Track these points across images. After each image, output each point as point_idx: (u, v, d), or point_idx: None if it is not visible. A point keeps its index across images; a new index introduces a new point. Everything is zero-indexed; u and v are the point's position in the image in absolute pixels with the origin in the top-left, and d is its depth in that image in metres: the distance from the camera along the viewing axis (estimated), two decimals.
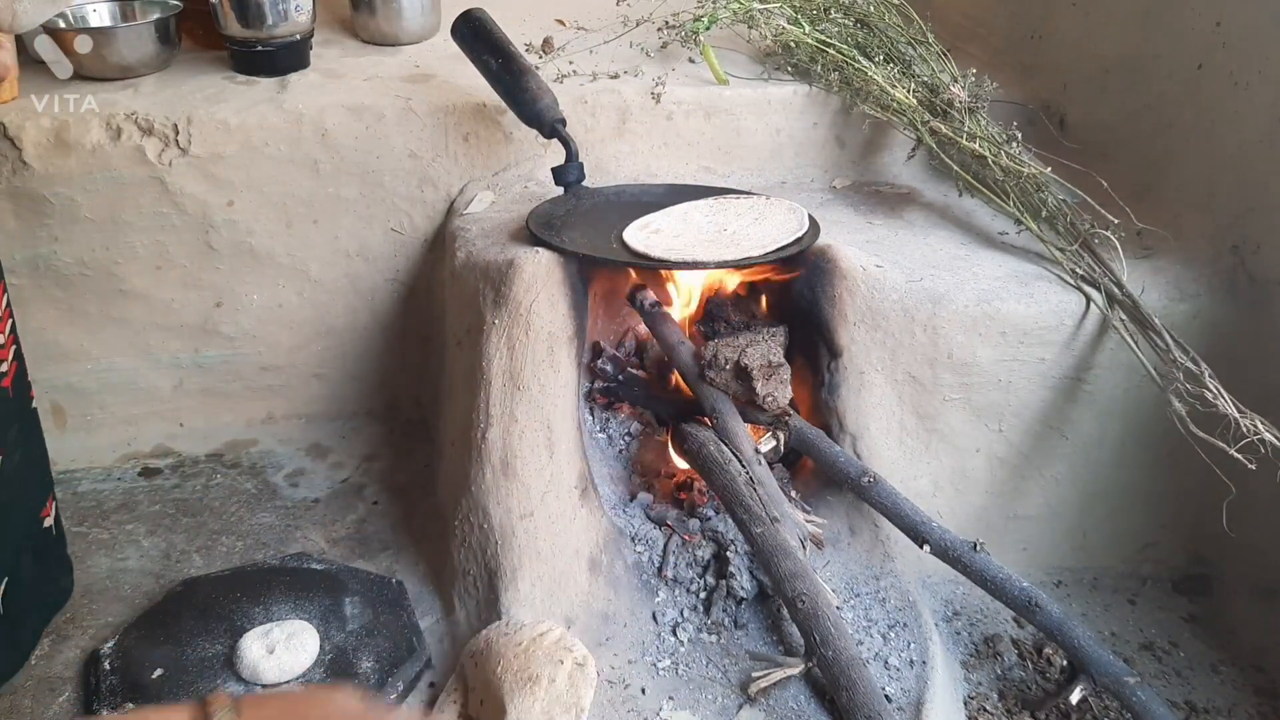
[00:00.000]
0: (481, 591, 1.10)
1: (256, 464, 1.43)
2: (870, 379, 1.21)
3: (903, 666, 1.06)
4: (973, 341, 1.19)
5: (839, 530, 1.20)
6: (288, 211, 1.38)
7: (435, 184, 1.40)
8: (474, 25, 1.33)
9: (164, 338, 1.42)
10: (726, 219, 1.23)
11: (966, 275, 1.23)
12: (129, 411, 1.45)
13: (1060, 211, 1.27)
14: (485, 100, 1.37)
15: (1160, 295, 1.20)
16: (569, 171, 1.29)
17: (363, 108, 1.35)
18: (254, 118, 1.32)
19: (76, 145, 1.28)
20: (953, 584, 1.26)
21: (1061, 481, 1.27)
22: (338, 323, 1.47)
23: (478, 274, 1.20)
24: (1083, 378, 1.21)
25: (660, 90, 1.42)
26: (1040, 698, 1.12)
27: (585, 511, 1.13)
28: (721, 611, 1.11)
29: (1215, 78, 1.27)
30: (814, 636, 0.99)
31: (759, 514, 1.07)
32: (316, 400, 1.52)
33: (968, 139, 1.30)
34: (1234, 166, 1.24)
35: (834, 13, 1.50)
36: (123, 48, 1.39)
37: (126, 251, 1.35)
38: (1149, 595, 1.30)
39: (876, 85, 1.37)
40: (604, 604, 1.10)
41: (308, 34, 1.47)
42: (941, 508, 1.26)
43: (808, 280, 1.21)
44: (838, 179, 1.51)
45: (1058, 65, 1.57)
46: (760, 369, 1.15)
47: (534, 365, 1.13)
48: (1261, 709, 1.14)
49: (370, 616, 1.10)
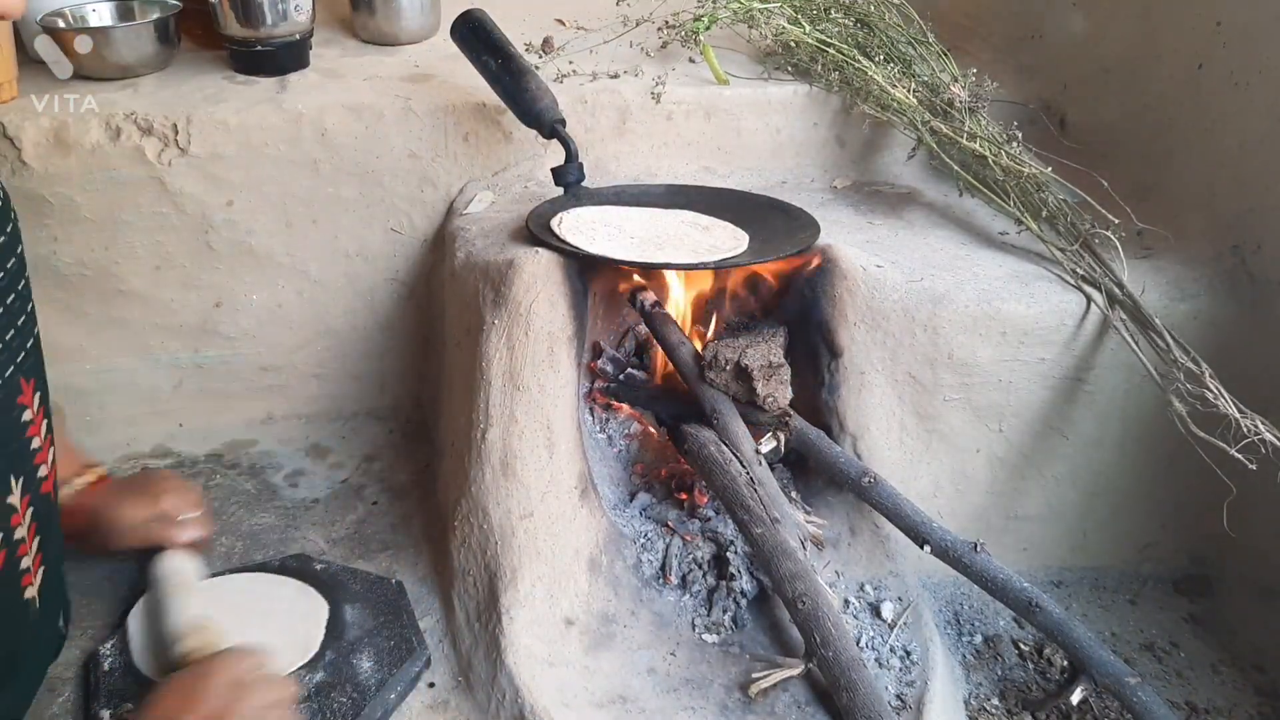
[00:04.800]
0: (481, 592, 1.10)
1: (256, 464, 1.43)
2: (870, 379, 1.21)
3: (903, 667, 1.06)
4: (973, 341, 1.19)
5: (839, 531, 1.20)
6: (287, 211, 1.37)
7: (435, 184, 1.40)
8: (473, 25, 1.33)
9: (163, 338, 1.42)
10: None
11: (967, 275, 1.23)
12: (128, 412, 1.45)
13: (1060, 211, 1.27)
14: (485, 100, 1.37)
15: (1160, 295, 1.20)
16: (569, 172, 1.28)
17: (362, 107, 1.35)
18: (253, 117, 1.32)
19: (76, 145, 1.28)
20: (953, 584, 1.26)
21: (1061, 481, 1.27)
22: (337, 323, 1.47)
23: (477, 274, 1.20)
24: (1083, 378, 1.21)
25: (660, 90, 1.42)
26: (1041, 698, 1.12)
27: (585, 512, 1.13)
28: (721, 612, 1.11)
29: (1215, 78, 1.27)
30: (814, 637, 0.99)
31: (759, 514, 1.07)
32: (316, 400, 1.52)
33: (968, 139, 1.30)
34: (1234, 166, 1.24)
35: (834, 12, 1.50)
36: (122, 48, 1.39)
37: (126, 251, 1.35)
38: (1149, 595, 1.30)
39: (877, 85, 1.37)
40: (604, 604, 1.10)
41: (307, 34, 1.47)
42: (942, 508, 1.26)
43: (808, 280, 1.21)
44: (838, 179, 1.51)
45: (1058, 65, 1.57)
46: (760, 369, 1.15)
47: (534, 365, 1.13)
48: (1262, 709, 1.14)
49: (370, 617, 1.10)
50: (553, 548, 1.10)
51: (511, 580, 1.08)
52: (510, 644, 1.03)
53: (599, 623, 1.09)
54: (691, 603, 1.13)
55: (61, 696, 1.02)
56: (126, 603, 1.12)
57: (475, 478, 1.13)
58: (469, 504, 1.13)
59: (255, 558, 1.23)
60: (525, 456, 1.11)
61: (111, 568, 1.18)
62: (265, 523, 1.30)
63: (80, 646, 1.08)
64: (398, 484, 1.38)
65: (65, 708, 1.00)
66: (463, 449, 1.16)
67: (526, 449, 1.12)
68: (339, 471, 1.42)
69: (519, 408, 1.12)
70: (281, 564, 1.18)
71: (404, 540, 1.27)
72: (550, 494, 1.11)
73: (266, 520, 1.30)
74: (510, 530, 1.10)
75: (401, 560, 1.23)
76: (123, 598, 1.14)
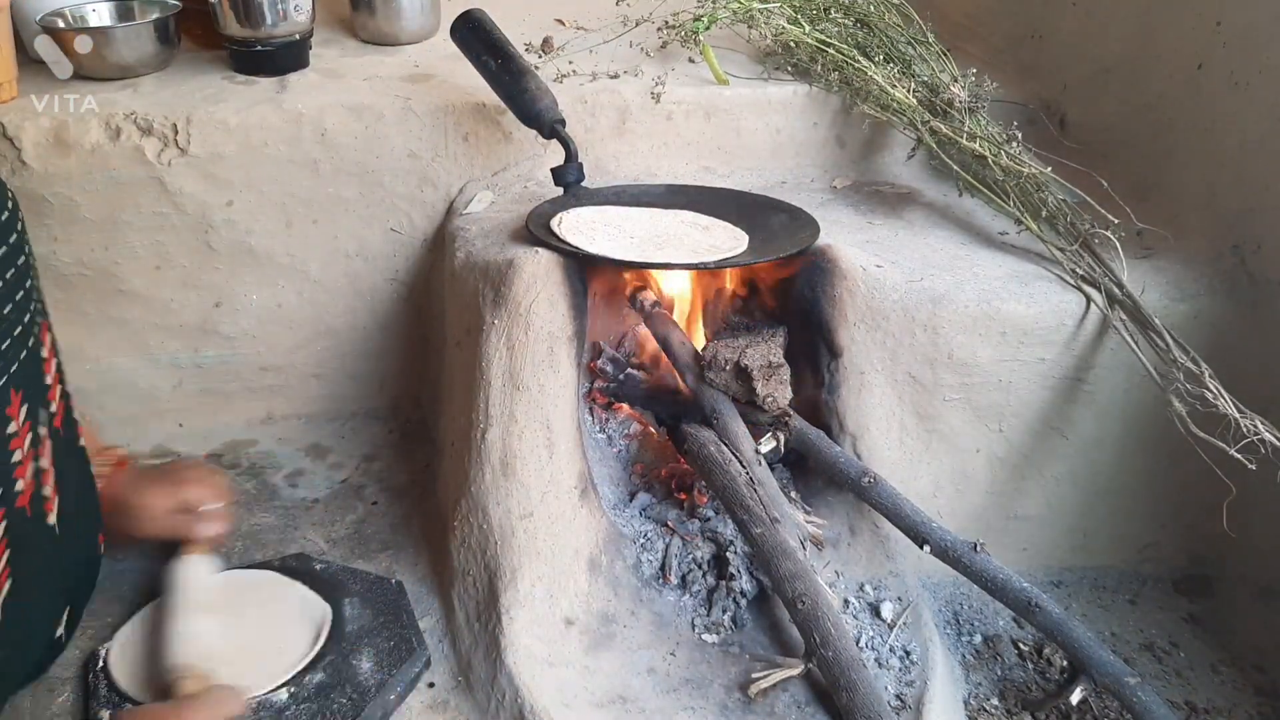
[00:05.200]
0: (481, 592, 1.10)
1: (256, 464, 1.43)
2: (870, 379, 1.21)
3: (903, 667, 1.06)
4: (973, 341, 1.19)
5: (839, 531, 1.20)
6: (287, 211, 1.37)
7: (435, 184, 1.40)
8: (473, 25, 1.33)
9: (163, 338, 1.42)
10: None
11: (966, 275, 1.23)
12: (128, 412, 1.45)
13: (1060, 211, 1.27)
14: (485, 100, 1.37)
15: (1160, 295, 1.20)
16: (568, 172, 1.28)
17: (362, 107, 1.35)
18: (253, 117, 1.32)
19: (76, 145, 1.28)
20: (953, 584, 1.26)
21: (1061, 481, 1.27)
22: (337, 323, 1.47)
23: (477, 274, 1.20)
24: (1083, 378, 1.21)
25: (660, 90, 1.42)
26: (1040, 698, 1.12)
27: (585, 512, 1.13)
28: (721, 612, 1.11)
29: (1215, 78, 1.27)
30: (814, 637, 0.99)
31: (759, 514, 1.07)
32: (316, 400, 1.52)
33: (968, 139, 1.30)
34: (1234, 166, 1.24)
35: (834, 12, 1.50)
36: (122, 48, 1.39)
37: (125, 251, 1.35)
38: (1149, 595, 1.30)
39: (876, 85, 1.37)
40: (603, 604, 1.10)
41: (307, 34, 1.47)
42: (942, 508, 1.26)
43: (808, 280, 1.21)
44: (838, 179, 1.51)
45: (1058, 65, 1.57)
46: (760, 369, 1.15)
47: (534, 365, 1.13)
48: (1262, 709, 1.14)
49: (370, 617, 1.10)
50: (552, 548, 1.10)
51: (511, 580, 1.08)
52: (510, 644, 1.03)
53: (599, 623, 1.09)
54: (691, 603, 1.13)
55: (61, 696, 1.02)
56: (130, 604, 1.12)
57: (475, 478, 1.13)
58: (469, 504, 1.13)
59: (255, 557, 1.23)
60: (525, 456, 1.11)
61: (114, 568, 1.17)
62: (265, 523, 1.30)
63: (80, 646, 1.08)
64: (397, 484, 1.38)
65: (65, 708, 1.00)
66: (462, 449, 1.16)
67: (526, 449, 1.12)
68: (339, 471, 1.42)
69: (519, 408, 1.12)
70: (281, 564, 1.18)
71: (404, 540, 1.27)
72: (550, 494, 1.11)
73: (266, 520, 1.30)
74: (510, 530, 1.10)
75: (401, 560, 1.23)
76: (125, 598, 1.14)
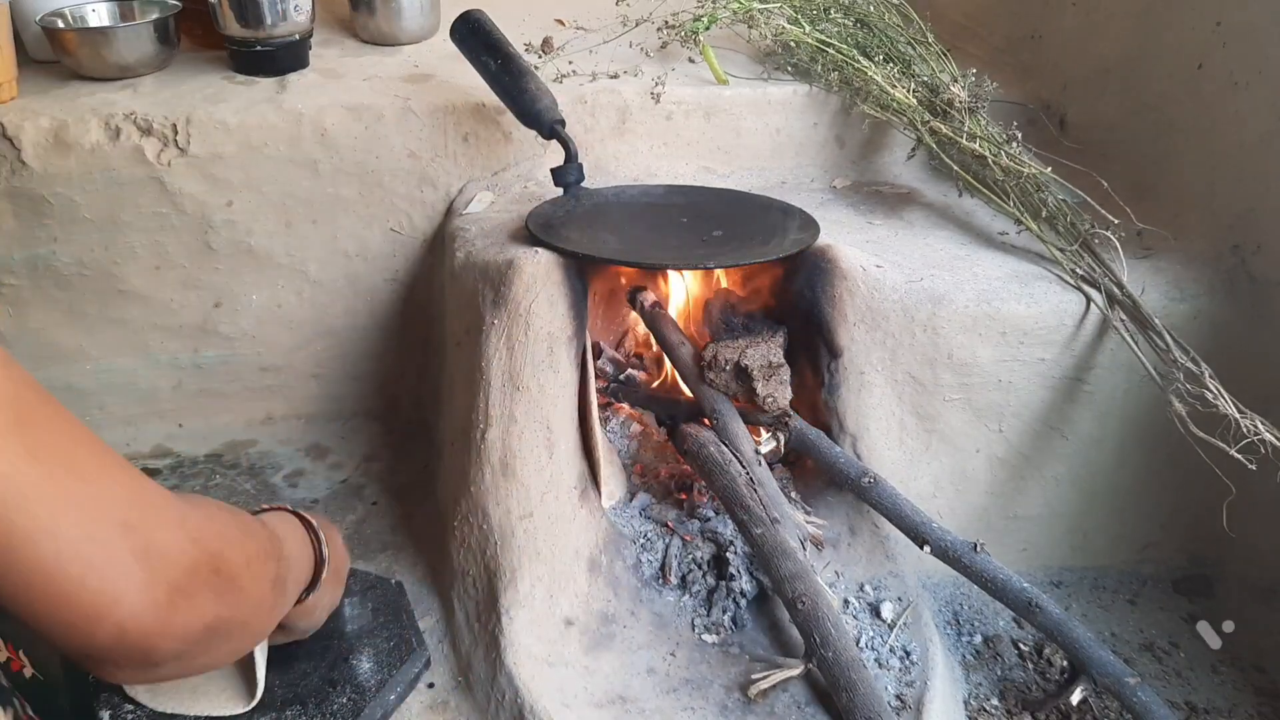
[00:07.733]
0: (481, 592, 1.10)
1: (255, 464, 1.43)
2: (870, 379, 1.21)
3: (903, 667, 1.06)
4: (973, 341, 1.19)
5: (839, 531, 1.20)
6: (287, 211, 1.37)
7: (434, 184, 1.40)
8: (473, 25, 1.33)
9: (163, 338, 1.42)
10: None
11: (966, 275, 1.23)
12: (128, 412, 1.45)
13: (1060, 211, 1.27)
14: (484, 100, 1.37)
15: (1160, 295, 1.20)
16: (568, 172, 1.28)
17: (362, 107, 1.35)
18: (253, 118, 1.32)
19: (75, 145, 1.28)
20: (953, 584, 1.26)
21: (1061, 481, 1.27)
22: (337, 323, 1.47)
23: (477, 274, 1.20)
24: (1083, 378, 1.21)
25: (660, 90, 1.42)
26: (1041, 698, 1.12)
27: (585, 512, 1.13)
28: (721, 612, 1.11)
29: (1215, 78, 1.27)
30: (814, 637, 0.99)
31: (759, 515, 1.07)
32: (316, 401, 1.52)
33: (968, 139, 1.30)
34: (1234, 166, 1.24)
35: (834, 12, 1.50)
36: (122, 48, 1.39)
37: (125, 252, 1.35)
38: (1149, 595, 1.30)
39: (876, 85, 1.37)
40: (603, 604, 1.10)
41: (307, 34, 1.47)
42: (942, 508, 1.26)
43: (808, 280, 1.21)
44: (838, 179, 1.51)
45: (1058, 65, 1.57)
46: (760, 370, 1.15)
47: (533, 366, 1.13)
48: (1261, 709, 1.14)
49: (369, 617, 1.10)
50: (552, 548, 1.10)
51: (511, 580, 1.08)
52: (510, 644, 1.03)
53: (599, 623, 1.09)
54: (691, 603, 1.13)
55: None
56: None
57: (475, 478, 1.13)
58: (469, 504, 1.13)
59: None
60: (525, 456, 1.11)
61: None
62: None
63: None
64: (397, 484, 1.39)
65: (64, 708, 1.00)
66: (462, 449, 1.16)
67: (526, 449, 1.12)
68: (338, 472, 1.42)
69: (519, 408, 1.12)
70: None
71: (404, 540, 1.27)
72: (550, 494, 1.11)
73: None
74: (510, 530, 1.10)
75: (401, 560, 1.23)
76: None
